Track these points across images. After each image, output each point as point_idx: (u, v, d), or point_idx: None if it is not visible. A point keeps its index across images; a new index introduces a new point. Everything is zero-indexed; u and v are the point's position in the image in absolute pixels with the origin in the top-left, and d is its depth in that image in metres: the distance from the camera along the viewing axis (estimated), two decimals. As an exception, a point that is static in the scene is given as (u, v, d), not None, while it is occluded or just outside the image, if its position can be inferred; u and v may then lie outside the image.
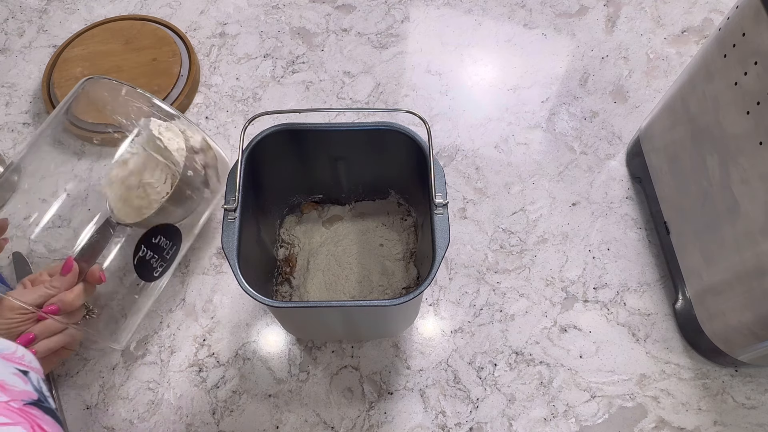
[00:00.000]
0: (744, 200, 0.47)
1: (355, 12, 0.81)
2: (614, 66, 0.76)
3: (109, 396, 0.56)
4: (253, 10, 0.81)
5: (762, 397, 0.56)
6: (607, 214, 0.66)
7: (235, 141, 0.71)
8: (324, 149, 0.54)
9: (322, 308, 0.45)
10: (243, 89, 0.75)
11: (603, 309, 0.61)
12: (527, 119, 0.72)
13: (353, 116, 0.73)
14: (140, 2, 0.82)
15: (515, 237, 0.65)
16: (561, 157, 0.70)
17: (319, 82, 0.75)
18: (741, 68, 0.46)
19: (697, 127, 0.53)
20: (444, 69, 0.76)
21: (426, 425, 0.55)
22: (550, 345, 0.59)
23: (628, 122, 0.72)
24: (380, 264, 0.59)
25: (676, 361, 0.58)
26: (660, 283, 0.62)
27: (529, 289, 0.62)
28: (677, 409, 0.56)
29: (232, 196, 0.46)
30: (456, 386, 0.57)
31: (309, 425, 0.55)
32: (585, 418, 0.56)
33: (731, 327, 0.51)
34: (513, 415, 0.56)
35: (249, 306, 0.61)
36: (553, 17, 0.80)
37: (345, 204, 0.63)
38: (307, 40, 0.78)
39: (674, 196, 0.59)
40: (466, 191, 0.68)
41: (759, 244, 0.45)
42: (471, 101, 0.74)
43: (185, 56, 0.75)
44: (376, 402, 0.56)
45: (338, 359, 0.58)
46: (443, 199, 0.46)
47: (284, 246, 0.61)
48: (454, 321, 0.60)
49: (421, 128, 0.49)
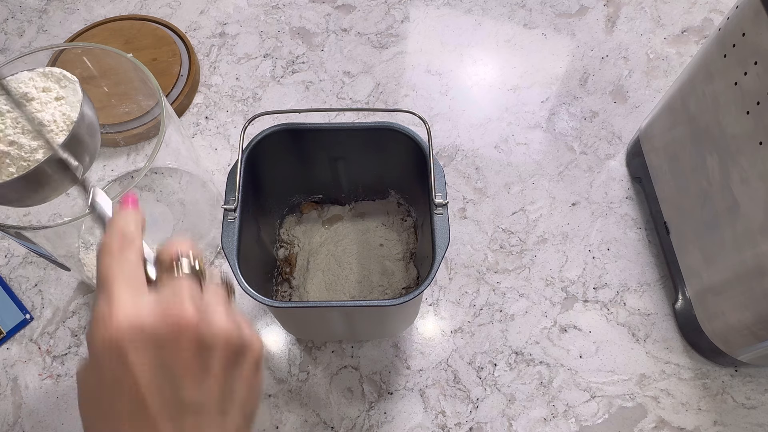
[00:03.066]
0: (744, 200, 0.47)
1: (355, 12, 0.81)
2: (614, 66, 0.76)
3: (108, 396, 0.56)
4: (253, 10, 0.81)
5: (762, 397, 0.56)
6: (607, 214, 0.66)
7: (235, 141, 0.71)
8: (324, 149, 0.54)
9: (322, 308, 0.45)
10: (243, 89, 0.75)
11: (603, 309, 0.61)
12: (527, 119, 0.72)
13: (353, 116, 0.73)
14: (140, 2, 0.82)
15: (515, 237, 0.65)
16: (561, 157, 0.70)
17: (319, 82, 0.75)
18: (741, 68, 0.46)
19: (697, 127, 0.53)
20: (444, 69, 0.76)
21: (426, 425, 0.55)
22: (550, 345, 0.59)
23: (628, 122, 0.72)
24: (380, 264, 0.59)
25: (676, 361, 0.58)
26: (660, 283, 0.62)
27: (529, 289, 0.62)
28: (677, 409, 0.56)
29: (232, 196, 0.46)
30: (456, 386, 0.57)
31: (309, 425, 0.55)
32: (585, 418, 0.56)
33: (731, 327, 0.51)
34: (513, 415, 0.56)
35: (249, 306, 0.61)
36: (553, 17, 0.80)
37: (345, 204, 0.63)
38: (307, 40, 0.78)
39: (674, 196, 0.59)
40: (466, 191, 0.68)
41: (759, 244, 0.45)
42: (471, 101, 0.74)
43: (185, 56, 0.75)
44: (376, 402, 0.56)
45: (338, 359, 0.58)
46: (443, 199, 0.46)
47: (284, 246, 0.61)
48: (454, 321, 0.60)
49: (421, 128, 0.49)
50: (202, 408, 0.26)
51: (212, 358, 0.27)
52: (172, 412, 0.25)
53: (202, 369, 0.26)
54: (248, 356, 0.28)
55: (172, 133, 0.52)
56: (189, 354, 0.26)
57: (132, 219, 0.30)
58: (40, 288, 0.62)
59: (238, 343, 0.28)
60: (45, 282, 0.62)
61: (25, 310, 0.61)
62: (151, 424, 0.25)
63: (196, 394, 0.26)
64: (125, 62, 0.52)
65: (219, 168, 0.69)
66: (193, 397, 0.26)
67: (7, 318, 0.60)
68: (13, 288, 0.62)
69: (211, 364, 0.27)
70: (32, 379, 0.58)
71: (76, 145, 0.39)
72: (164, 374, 0.25)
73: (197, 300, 0.27)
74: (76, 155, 0.39)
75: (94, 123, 0.41)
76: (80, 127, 0.39)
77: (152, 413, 0.25)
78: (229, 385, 0.27)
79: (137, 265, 0.28)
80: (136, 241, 0.28)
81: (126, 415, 0.25)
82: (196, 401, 0.26)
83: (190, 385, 0.26)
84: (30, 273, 0.63)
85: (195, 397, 0.26)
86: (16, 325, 0.60)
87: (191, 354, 0.26)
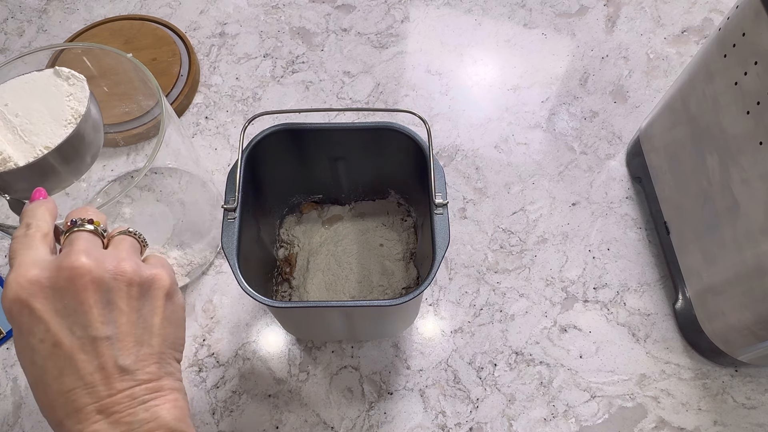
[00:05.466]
0: (744, 200, 0.47)
1: (355, 12, 0.81)
2: (614, 66, 0.76)
3: (108, 396, 0.56)
4: (252, 10, 0.81)
5: (762, 397, 0.56)
6: (607, 214, 0.66)
7: (235, 141, 0.71)
8: (324, 149, 0.54)
9: (322, 308, 0.45)
10: (243, 89, 0.75)
11: (603, 309, 0.61)
12: (527, 119, 0.72)
13: (353, 116, 0.73)
14: (140, 2, 0.82)
15: (515, 237, 0.65)
16: (561, 157, 0.70)
17: (319, 82, 0.75)
18: (741, 68, 0.46)
19: (697, 127, 0.53)
20: (444, 69, 0.76)
21: (426, 425, 0.55)
22: (550, 345, 0.59)
23: (628, 122, 0.72)
24: (380, 264, 0.59)
25: (676, 361, 0.58)
26: (660, 283, 0.62)
27: (529, 289, 0.62)
28: (677, 409, 0.56)
29: (232, 196, 0.46)
30: (456, 386, 0.57)
31: (309, 425, 0.55)
32: (585, 418, 0.56)
33: (731, 327, 0.51)
34: (513, 415, 0.56)
35: (249, 306, 0.61)
36: (553, 17, 0.80)
37: (345, 204, 0.63)
38: (306, 40, 0.78)
39: (674, 196, 0.59)
40: (466, 191, 0.68)
41: (759, 244, 0.45)
42: (471, 101, 0.74)
43: (185, 56, 0.75)
44: (375, 402, 0.56)
45: (338, 359, 0.58)
46: (443, 199, 0.46)
47: (284, 246, 0.61)
48: (454, 321, 0.60)
49: (421, 128, 0.49)
50: (115, 340, 0.30)
51: (115, 296, 0.30)
52: (86, 345, 0.29)
53: (106, 307, 0.30)
54: (155, 290, 0.32)
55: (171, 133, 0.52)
56: (88, 295, 0.29)
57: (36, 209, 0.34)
58: (40, 288, 0.62)
59: (140, 280, 0.31)
60: (45, 282, 0.62)
61: (25, 310, 0.61)
62: (69, 357, 0.29)
63: (105, 328, 0.29)
64: (125, 62, 0.52)
65: (219, 168, 0.69)
66: (102, 331, 0.29)
67: (7, 318, 0.60)
68: (13, 288, 0.62)
69: (114, 300, 0.30)
70: (32, 379, 0.58)
71: (80, 141, 0.40)
72: (70, 316, 0.29)
73: (92, 251, 0.31)
74: (80, 150, 0.40)
75: (98, 120, 0.42)
76: (86, 123, 0.40)
77: (68, 349, 0.29)
78: (141, 318, 0.31)
79: (40, 241, 0.31)
80: (41, 225, 0.32)
81: (48, 354, 0.29)
82: (106, 335, 0.29)
83: (98, 321, 0.29)
84: (30, 273, 0.63)
85: (105, 332, 0.29)
86: (16, 325, 0.60)
87: (91, 295, 0.29)
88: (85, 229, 0.32)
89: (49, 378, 0.29)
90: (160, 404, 0.30)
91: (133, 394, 0.29)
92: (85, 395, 0.28)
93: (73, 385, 0.29)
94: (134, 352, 0.30)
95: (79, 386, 0.29)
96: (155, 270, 0.32)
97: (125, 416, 0.29)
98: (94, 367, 0.29)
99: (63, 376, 0.29)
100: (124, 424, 0.29)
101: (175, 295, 0.33)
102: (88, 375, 0.29)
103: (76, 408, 0.28)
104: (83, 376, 0.29)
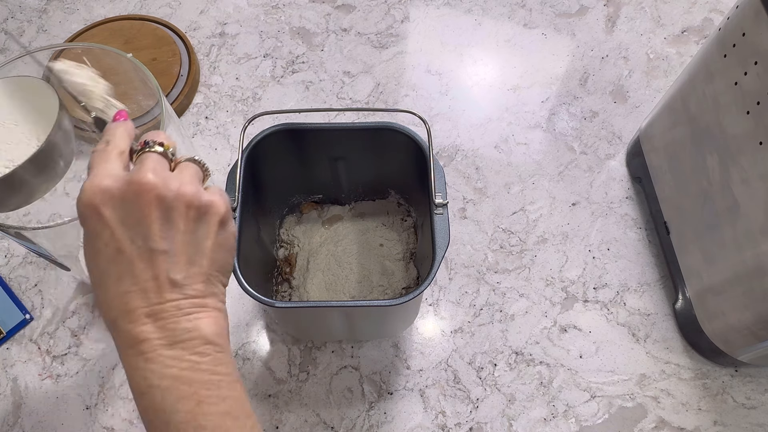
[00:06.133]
0: (744, 200, 0.47)
1: (355, 12, 0.81)
2: (614, 66, 0.76)
3: (109, 396, 0.56)
4: (252, 10, 0.81)
5: (762, 397, 0.56)
6: (607, 214, 0.66)
7: (235, 141, 0.71)
8: (324, 149, 0.54)
9: (322, 308, 0.45)
10: (243, 89, 0.75)
11: (603, 309, 0.61)
12: (527, 119, 0.72)
13: (353, 116, 0.73)
14: (140, 2, 0.82)
15: (515, 237, 0.65)
16: (561, 157, 0.70)
17: (319, 82, 0.75)
18: (741, 68, 0.46)
19: (697, 127, 0.53)
20: (444, 69, 0.76)
21: (426, 425, 0.55)
22: (550, 345, 0.59)
23: (628, 122, 0.72)
24: (380, 264, 0.59)
25: (676, 361, 0.58)
26: (660, 283, 0.62)
27: (529, 289, 0.62)
28: (677, 409, 0.56)
29: (232, 196, 0.46)
30: (456, 386, 0.57)
31: (309, 425, 0.55)
32: (585, 418, 0.56)
33: (731, 327, 0.51)
34: (513, 415, 0.56)
35: (249, 306, 0.61)
36: (553, 17, 0.80)
37: (345, 204, 0.63)
38: (306, 39, 0.78)
39: (674, 196, 0.59)
40: (466, 191, 0.68)
41: (759, 244, 0.45)
42: (471, 101, 0.74)
43: (185, 56, 0.75)
44: (375, 402, 0.56)
45: (338, 359, 0.58)
46: (443, 199, 0.46)
47: (284, 246, 0.61)
48: (454, 321, 0.60)
49: (421, 128, 0.49)
50: (170, 255, 0.32)
51: (174, 215, 0.32)
52: (144, 255, 0.31)
53: (166, 223, 0.32)
54: (210, 215, 0.34)
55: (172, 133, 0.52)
56: (151, 210, 0.32)
57: (117, 128, 0.36)
58: (39, 288, 0.62)
59: (198, 204, 0.33)
60: (45, 282, 0.62)
61: (25, 310, 0.61)
62: (129, 264, 0.31)
63: (162, 243, 0.32)
64: (125, 62, 0.52)
65: (219, 168, 0.69)
66: (160, 245, 0.32)
67: (7, 318, 0.60)
68: (13, 288, 0.62)
69: (174, 219, 0.32)
70: (32, 379, 0.58)
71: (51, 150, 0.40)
72: (133, 227, 0.32)
73: (160, 171, 0.33)
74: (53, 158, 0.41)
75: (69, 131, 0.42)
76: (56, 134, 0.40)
77: (128, 256, 0.31)
78: (195, 239, 0.33)
79: (116, 156, 0.34)
80: (118, 143, 0.35)
81: (111, 258, 0.32)
82: (163, 249, 0.32)
83: (157, 235, 0.32)
84: (30, 273, 0.63)
85: (162, 246, 0.32)
86: (16, 325, 0.60)
87: (154, 210, 0.32)
88: (156, 150, 0.34)
89: (109, 280, 0.32)
90: (202, 318, 0.32)
91: (179, 306, 0.32)
92: (138, 299, 0.31)
93: (129, 288, 0.31)
94: (185, 269, 0.32)
95: (134, 290, 0.31)
96: (213, 197, 0.34)
97: (170, 323, 0.31)
98: (149, 275, 0.31)
99: (121, 279, 0.31)
100: (167, 329, 0.31)
101: (228, 222, 0.35)
102: (143, 281, 0.31)
103: (129, 309, 0.31)
104: (139, 281, 0.31)
